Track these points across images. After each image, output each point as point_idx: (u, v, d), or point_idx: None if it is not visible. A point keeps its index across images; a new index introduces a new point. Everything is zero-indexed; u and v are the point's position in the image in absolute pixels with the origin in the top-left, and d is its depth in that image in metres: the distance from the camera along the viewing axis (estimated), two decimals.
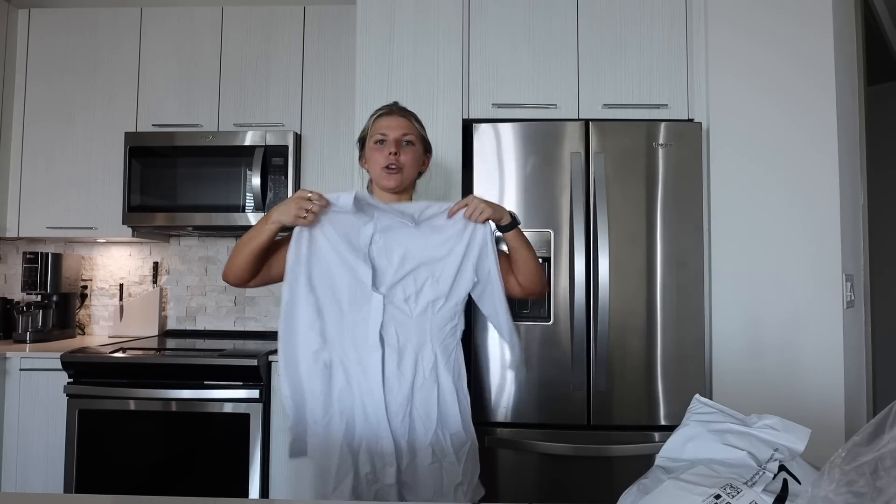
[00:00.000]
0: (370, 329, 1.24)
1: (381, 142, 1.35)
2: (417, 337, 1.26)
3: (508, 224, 1.31)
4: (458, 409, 1.28)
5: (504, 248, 1.37)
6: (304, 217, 1.19)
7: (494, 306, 1.34)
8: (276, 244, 1.29)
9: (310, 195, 1.21)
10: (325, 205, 1.21)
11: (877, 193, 2.60)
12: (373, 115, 1.40)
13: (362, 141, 1.41)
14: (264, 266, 1.30)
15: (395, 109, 1.39)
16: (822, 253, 1.87)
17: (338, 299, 1.25)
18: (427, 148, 1.43)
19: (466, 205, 1.28)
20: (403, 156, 1.34)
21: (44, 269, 2.55)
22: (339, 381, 1.25)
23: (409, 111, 1.42)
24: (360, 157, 1.43)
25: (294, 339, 1.26)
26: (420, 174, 1.44)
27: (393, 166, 1.33)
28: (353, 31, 2.26)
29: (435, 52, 2.08)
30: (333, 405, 1.25)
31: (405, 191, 1.41)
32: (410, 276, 1.27)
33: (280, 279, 1.29)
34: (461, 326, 1.34)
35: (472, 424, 1.33)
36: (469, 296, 1.33)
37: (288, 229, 1.25)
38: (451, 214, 1.29)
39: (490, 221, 1.30)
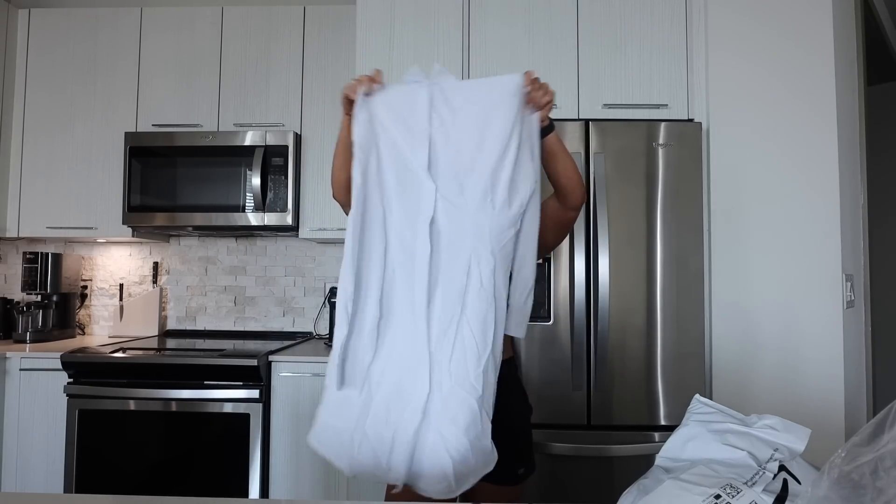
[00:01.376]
0: (420, 223, 1.03)
1: None
2: (473, 236, 1.04)
3: (548, 126, 1.17)
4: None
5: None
6: (353, 92, 1.10)
7: (528, 240, 1.09)
8: None
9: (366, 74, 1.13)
10: (376, 79, 1.11)
11: (877, 193, 2.60)
12: None
13: None
14: None
15: None
16: (822, 253, 1.87)
17: (383, 188, 1.07)
18: None
19: (536, 80, 1.10)
20: None
21: (44, 269, 2.55)
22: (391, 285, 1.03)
23: None
24: None
25: (363, 225, 1.05)
26: None
27: None
28: (353, 32, 2.26)
29: (435, 52, 2.08)
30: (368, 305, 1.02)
31: None
32: (469, 164, 1.06)
33: None
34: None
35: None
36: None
37: None
38: (528, 81, 1.08)
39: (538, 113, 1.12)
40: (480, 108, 1.08)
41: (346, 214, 1.11)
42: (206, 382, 2.09)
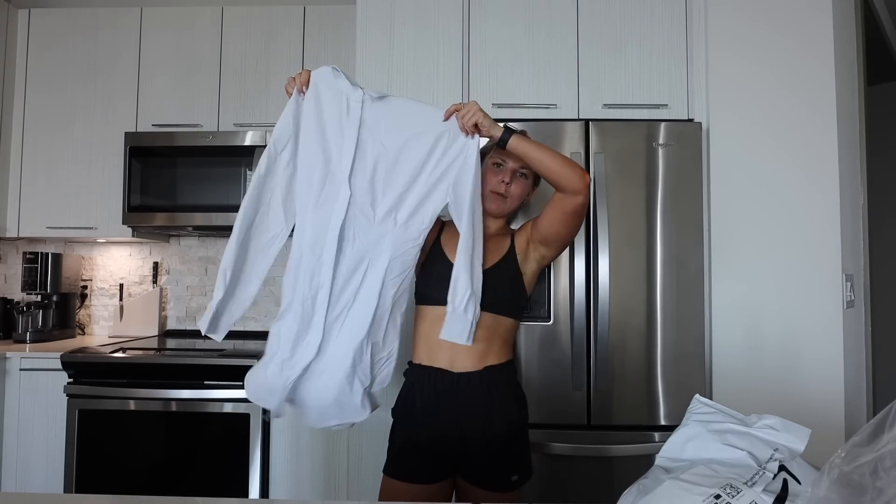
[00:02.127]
0: (331, 225, 1.22)
1: (499, 165, 1.34)
2: (376, 246, 1.24)
3: (504, 135, 1.22)
4: (391, 326, 1.28)
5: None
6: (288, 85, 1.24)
7: (461, 245, 1.23)
8: None
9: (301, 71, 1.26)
10: (302, 80, 1.24)
11: (877, 193, 2.60)
12: None
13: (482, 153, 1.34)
14: None
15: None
16: (822, 253, 1.87)
17: (311, 183, 1.24)
18: (537, 182, 1.41)
19: (458, 109, 1.23)
20: (514, 186, 1.34)
21: (44, 269, 2.55)
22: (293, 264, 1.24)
23: None
24: None
25: (257, 211, 1.27)
26: (523, 204, 1.42)
27: (502, 193, 1.33)
28: (353, 31, 2.26)
29: (435, 52, 2.08)
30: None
31: (504, 218, 1.40)
32: (381, 178, 1.24)
33: None
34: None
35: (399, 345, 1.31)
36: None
37: None
38: (446, 117, 1.24)
39: (479, 137, 1.25)
40: (403, 135, 1.25)
41: None
42: (206, 382, 2.09)
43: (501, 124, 1.25)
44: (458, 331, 1.21)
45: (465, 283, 1.20)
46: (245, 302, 1.28)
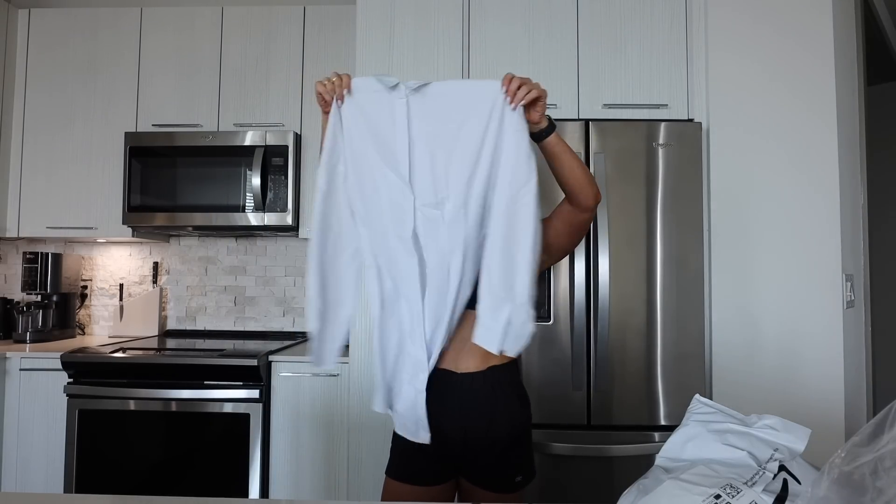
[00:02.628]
0: (404, 233, 1.11)
1: None
2: (450, 244, 1.13)
3: (546, 128, 1.14)
4: None
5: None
6: (323, 100, 1.13)
7: (503, 245, 1.09)
8: None
9: (332, 76, 1.13)
10: (344, 84, 1.12)
11: (877, 193, 2.60)
12: None
13: None
14: None
15: None
16: (822, 253, 1.87)
17: (366, 196, 1.14)
18: None
19: (511, 79, 1.09)
20: None
21: (44, 269, 2.55)
22: (386, 286, 1.16)
23: None
24: None
25: (330, 229, 1.14)
26: None
27: None
28: (353, 32, 2.26)
29: (435, 52, 2.08)
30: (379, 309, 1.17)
31: None
32: (444, 175, 1.12)
33: None
34: None
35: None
36: None
37: None
38: (505, 82, 1.09)
39: (521, 108, 1.11)
40: (454, 121, 1.12)
41: None
42: (206, 382, 2.09)
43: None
44: (513, 342, 1.12)
45: (498, 281, 1.10)
46: (342, 325, 1.18)
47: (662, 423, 1.85)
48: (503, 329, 1.10)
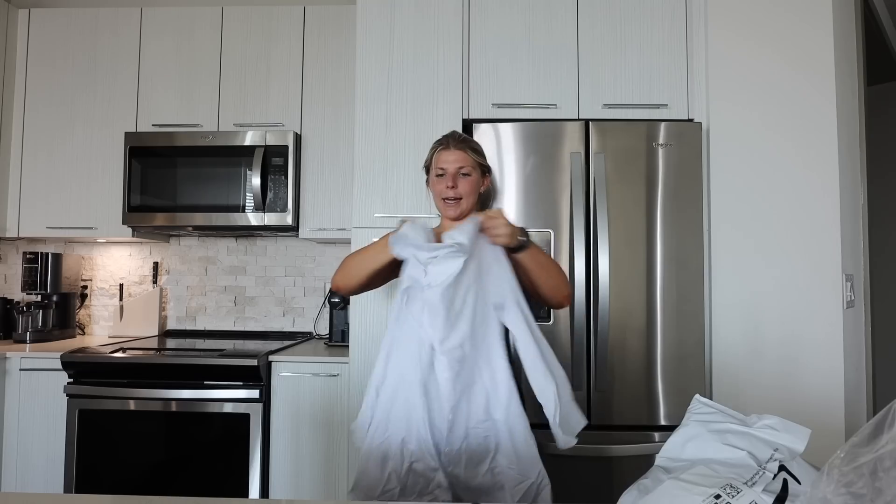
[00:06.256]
0: (441, 385, 1.22)
1: (441, 175, 1.41)
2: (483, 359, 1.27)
3: (519, 246, 1.27)
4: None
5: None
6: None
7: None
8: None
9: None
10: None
11: (877, 193, 2.60)
12: (434, 147, 1.45)
13: (427, 169, 1.47)
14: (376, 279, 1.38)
15: (451, 143, 1.41)
16: (822, 253, 1.87)
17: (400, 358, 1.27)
18: (485, 171, 1.46)
19: (492, 218, 1.24)
20: (461, 186, 1.39)
21: (44, 269, 2.55)
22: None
23: (466, 140, 1.43)
24: (427, 182, 1.49)
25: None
26: (481, 195, 1.48)
27: (451, 199, 1.39)
28: (353, 32, 2.26)
29: (435, 52, 2.08)
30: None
31: (467, 216, 1.41)
32: (464, 311, 1.20)
33: (379, 286, 1.44)
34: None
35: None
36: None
37: None
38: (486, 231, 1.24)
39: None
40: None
41: (342, 295, 1.34)
42: (206, 382, 2.09)
43: (516, 228, 1.27)
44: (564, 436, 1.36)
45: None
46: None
47: (662, 423, 1.85)
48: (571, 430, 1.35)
